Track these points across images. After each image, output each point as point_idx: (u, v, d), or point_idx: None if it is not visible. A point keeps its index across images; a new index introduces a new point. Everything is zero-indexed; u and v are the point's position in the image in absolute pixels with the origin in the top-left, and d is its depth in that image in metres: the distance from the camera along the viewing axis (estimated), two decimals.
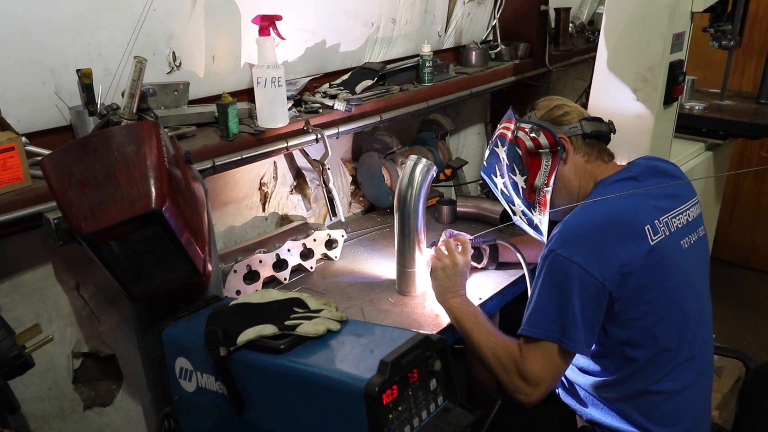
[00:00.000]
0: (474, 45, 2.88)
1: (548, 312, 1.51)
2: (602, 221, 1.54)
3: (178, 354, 1.35)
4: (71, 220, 1.23)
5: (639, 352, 1.56)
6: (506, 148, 1.78)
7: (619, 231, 1.52)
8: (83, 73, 1.59)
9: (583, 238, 1.51)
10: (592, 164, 1.71)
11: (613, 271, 1.48)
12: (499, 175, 1.83)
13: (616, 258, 1.48)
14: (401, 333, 1.19)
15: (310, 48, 2.26)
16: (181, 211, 1.28)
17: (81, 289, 1.80)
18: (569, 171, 1.71)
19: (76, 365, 1.85)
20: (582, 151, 1.72)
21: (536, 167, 1.72)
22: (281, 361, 1.17)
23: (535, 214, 1.78)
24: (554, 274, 1.50)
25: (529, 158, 1.73)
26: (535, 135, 1.71)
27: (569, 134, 1.70)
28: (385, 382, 1.05)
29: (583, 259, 1.48)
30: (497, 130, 1.84)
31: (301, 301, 1.31)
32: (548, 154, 1.70)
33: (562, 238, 1.52)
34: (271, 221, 2.33)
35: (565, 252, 1.49)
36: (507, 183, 1.81)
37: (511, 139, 1.77)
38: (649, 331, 1.55)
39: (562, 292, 1.49)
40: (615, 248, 1.49)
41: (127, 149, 1.27)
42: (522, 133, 1.73)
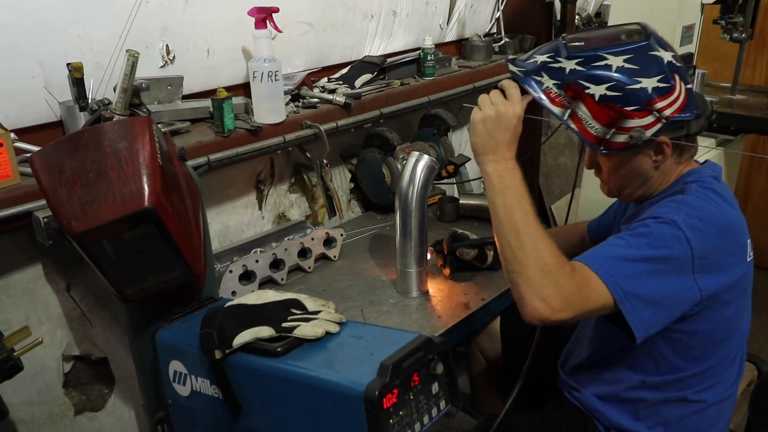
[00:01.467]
0: (477, 38, 2.88)
1: (631, 266, 1.40)
2: (723, 221, 1.48)
3: (172, 357, 1.35)
4: (61, 218, 1.23)
5: (697, 365, 1.54)
6: (581, 101, 1.50)
7: (732, 238, 1.48)
8: (74, 67, 1.59)
9: (706, 229, 1.43)
10: (682, 164, 1.59)
11: (710, 273, 1.44)
12: (553, 90, 1.54)
13: (718, 263, 1.45)
14: (402, 335, 1.19)
15: (308, 41, 2.26)
16: (174, 209, 1.28)
17: (72, 290, 1.80)
18: (650, 167, 1.56)
19: (67, 369, 1.85)
20: (676, 152, 1.56)
21: (615, 146, 1.52)
22: (278, 364, 1.17)
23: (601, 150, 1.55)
24: (666, 243, 1.41)
25: (606, 140, 1.51)
26: (636, 139, 1.48)
27: (672, 136, 1.51)
28: (385, 385, 1.05)
29: (699, 249, 1.41)
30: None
31: (298, 303, 1.31)
32: (635, 154, 1.53)
33: (688, 216, 1.43)
34: (267, 220, 2.33)
35: (689, 231, 1.40)
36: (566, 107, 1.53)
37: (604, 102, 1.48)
38: (714, 346, 1.53)
39: (662, 264, 1.40)
40: (723, 253, 1.46)
41: (119, 146, 1.27)
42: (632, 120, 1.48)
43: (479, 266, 2.04)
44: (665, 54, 1.51)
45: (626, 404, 1.61)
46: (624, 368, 1.60)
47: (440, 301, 1.90)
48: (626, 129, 1.49)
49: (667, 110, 1.48)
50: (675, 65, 1.50)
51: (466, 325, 1.83)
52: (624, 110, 1.48)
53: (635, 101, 1.47)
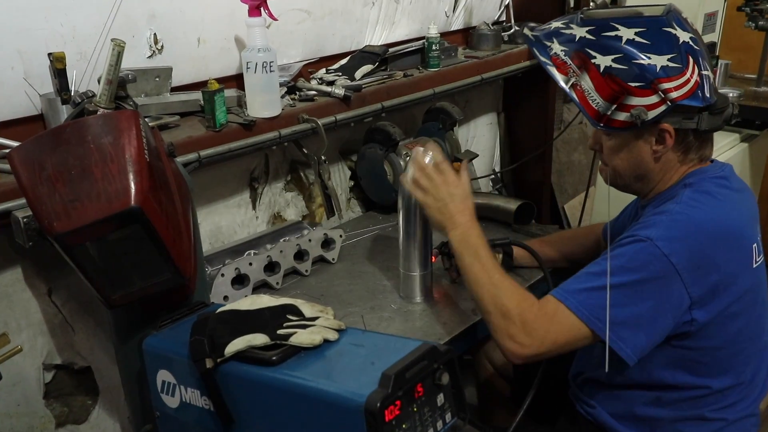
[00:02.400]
0: (485, 26, 2.88)
1: (611, 297, 1.43)
2: (717, 227, 1.47)
3: (160, 366, 1.35)
4: (42, 218, 1.23)
5: (713, 381, 1.54)
6: (586, 71, 1.55)
7: (730, 244, 1.47)
8: (56, 57, 1.59)
9: (691, 239, 1.44)
10: (686, 165, 1.60)
11: (706, 285, 1.44)
12: (561, 58, 1.60)
13: (717, 272, 1.44)
14: (405, 343, 1.19)
15: (305, 29, 2.26)
16: (163, 208, 1.28)
17: (53, 294, 1.80)
18: (650, 158, 1.58)
19: (48, 378, 1.85)
20: (681, 148, 1.57)
21: (615, 124, 1.54)
22: (273, 373, 1.17)
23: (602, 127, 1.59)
24: (640, 263, 1.43)
25: (606, 116, 1.55)
26: (638, 118, 1.50)
27: (678, 126, 1.53)
28: (387, 397, 1.05)
29: (683, 263, 1.42)
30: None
31: (295, 308, 1.31)
32: (636, 137, 1.56)
33: (667, 230, 1.45)
34: (262, 220, 2.33)
35: (666, 247, 1.42)
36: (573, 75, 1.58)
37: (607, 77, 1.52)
38: (729, 361, 1.53)
39: (640, 287, 1.43)
40: (720, 261, 1.45)
41: (104, 141, 1.27)
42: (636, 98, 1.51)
43: None
44: (682, 34, 1.51)
45: (641, 423, 1.61)
46: (637, 385, 1.60)
47: (446, 306, 1.90)
48: (628, 107, 1.51)
49: (674, 93, 1.48)
50: (692, 47, 1.51)
51: (474, 332, 1.83)
52: (627, 85, 1.50)
53: (640, 77, 1.49)
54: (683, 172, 1.60)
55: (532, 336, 1.48)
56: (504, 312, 1.51)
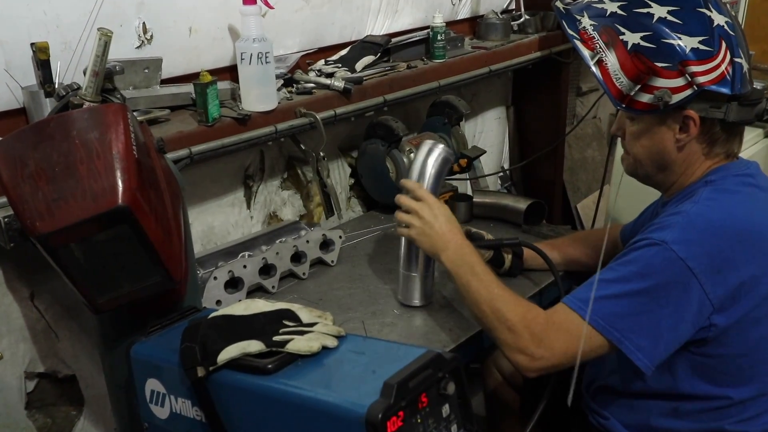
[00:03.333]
0: (493, 15, 2.88)
1: (626, 305, 1.45)
2: (737, 227, 1.47)
3: (149, 375, 1.35)
4: (24, 218, 1.23)
5: (734, 391, 1.54)
6: (613, 48, 1.56)
7: (752, 245, 1.47)
8: (38, 48, 1.59)
9: (709, 242, 1.44)
10: (711, 160, 1.59)
11: (727, 288, 1.44)
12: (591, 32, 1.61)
13: (737, 275, 1.44)
14: (408, 350, 1.19)
15: (303, 18, 2.26)
16: (152, 208, 1.28)
17: (36, 299, 1.80)
18: (673, 146, 1.57)
19: (30, 387, 1.85)
20: (707, 139, 1.56)
21: (638, 106, 1.55)
22: (269, 383, 1.17)
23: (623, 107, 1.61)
24: (657, 269, 1.44)
25: (629, 96, 1.55)
26: (661, 100, 1.50)
27: (705, 114, 1.52)
28: (389, 407, 1.05)
29: (701, 266, 1.42)
30: None
31: (291, 313, 1.31)
32: (660, 122, 1.55)
33: (683, 233, 1.45)
34: (257, 220, 2.33)
35: (682, 251, 1.42)
36: (601, 50, 1.60)
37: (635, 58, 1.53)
38: (751, 370, 1.53)
39: (656, 293, 1.43)
40: (741, 263, 1.44)
41: (90, 136, 1.27)
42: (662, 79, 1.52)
43: (495, 271, 2.03)
44: (718, 16, 1.51)
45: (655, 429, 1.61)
46: (653, 394, 1.60)
47: (451, 312, 1.89)
48: (652, 88, 1.52)
49: (702, 77, 1.49)
50: (726, 32, 1.51)
51: (481, 339, 1.83)
52: (654, 65, 1.51)
53: (668, 57, 1.50)
54: (707, 168, 1.59)
55: (542, 347, 1.49)
56: (509, 326, 1.53)
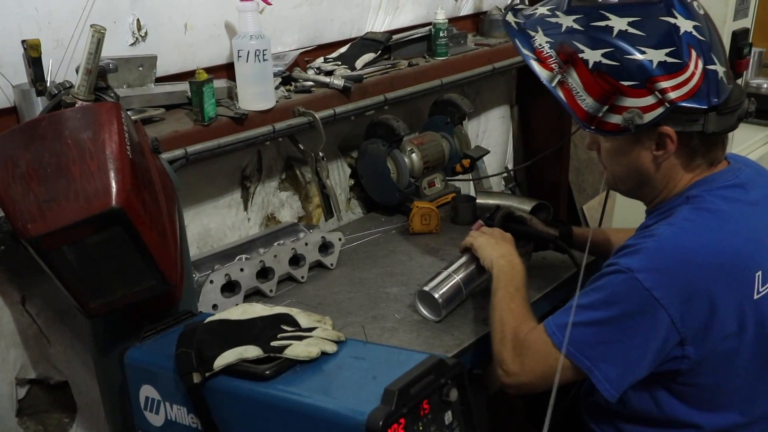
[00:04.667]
0: (497, 11, 2.88)
1: (594, 334, 1.45)
2: (713, 256, 1.42)
3: (143, 381, 1.35)
4: (15, 220, 1.23)
5: (719, 417, 1.52)
6: (573, 67, 1.50)
7: (726, 273, 1.42)
8: (30, 45, 1.59)
9: (679, 270, 1.40)
10: (692, 172, 1.53)
11: (698, 320, 1.41)
12: (545, 49, 1.55)
13: (710, 306, 1.40)
14: (410, 356, 1.19)
15: (302, 15, 2.26)
16: (146, 209, 1.28)
17: (27, 303, 1.80)
18: (658, 170, 1.53)
19: (21, 394, 1.85)
20: (686, 152, 1.50)
21: (607, 127, 1.50)
22: (267, 389, 1.17)
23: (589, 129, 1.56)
24: (621, 298, 1.42)
25: (597, 118, 1.50)
26: (630, 121, 1.44)
27: (681, 128, 1.46)
28: (390, 414, 1.05)
29: (669, 297, 1.39)
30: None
31: (290, 318, 1.31)
32: (634, 143, 1.50)
33: (650, 261, 1.41)
34: (254, 222, 2.33)
35: (648, 281, 1.39)
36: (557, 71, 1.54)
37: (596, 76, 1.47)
38: (724, 397, 1.51)
39: (623, 323, 1.42)
40: (715, 294, 1.40)
41: (83, 136, 1.27)
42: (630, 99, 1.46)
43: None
44: (684, 22, 1.44)
45: None
46: (637, 417, 1.60)
47: (454, 316, 1.89)
48: (621, 108, 1.46)
49: (673, 93, 1.42)
50: (695, 38, 1.44)
51: (484, 343, 1.82)
52: (619, 84, 1.44)
53: (633, 75, 1.43)
54: (689, 180, 1.54)
55: (516, 364, 1.53)
56: (501, 337, 1.59)
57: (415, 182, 2.47)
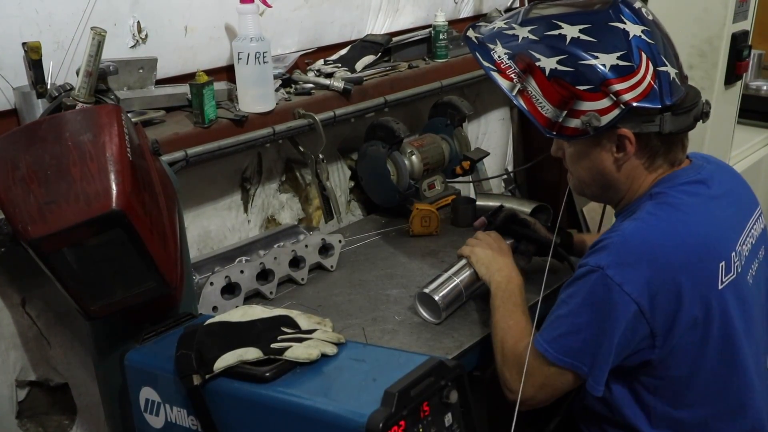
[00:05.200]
0: (497, 13, 2.88)
1: (583, 339, 1.48)
2: (677, 246, 1.46)
3: (143, 383, 1.35)
4: (15, 222, 1.23)
5: (682, 413, 1.55)
6: (531, 75, 1.55)
7: (691, 264, 1.46)
8: (30, 47, 1.59)
9: (645, 263, 1.44)
10: (655, 172, 1.58)
11: (667, 313, 1.44)
12: (504, 60, 1.60)
13: (678, 297, 1.44)
14: (410, 358, 1.19)
15: (302, 17, 2.26)
16: (147, 211, 1.28)
17: (27, 305, 1.80)
18: (620, 172, 1.58)
19: (21, 396, 1.85)
20: (646, 153, 1.55)
21: (567, 132, 1.54)
22: (267, 391, 1.16)
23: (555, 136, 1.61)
24: (597, 297, 1.45)
25: (558, 123, 1.54)
26: (589, 124, 1.49)
27: (639, 130, 1.51)
28: (390, 416, 1.05)
29: (638, 290, 1.42)
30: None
31: (290, 320, 1.31)
32: (595, 145, 1.55)
33: (618, 256, 1.45)
34: (254, 224, 2.33)
35: (618, 276, 1.42)
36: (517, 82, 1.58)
37: (540, 73, 1.52)
38: (696, 390, 1.54)
39: (603, 321, 1.45)
40: (682, 285, 1.44)
41: (83, 138, 1.28)
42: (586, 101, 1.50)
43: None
44: (632, 27, 1.50)
45: None
46: (625, 423, 1.62)
47: (454, 318, 1.89)
48: (579, 112, 1.50)
49: (627, 94, 1.47)
50: (644, 42, 1.49)
51: (484, 345, 1.83)
52: (575, 89, 1.49)
53: (588, 79, 1.48)
54: (652, 181, 1.58)
55: (518, 383, 1.54)
56: (502, 357, 1.63)
57: (415, 184, 2.47)
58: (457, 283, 1.86)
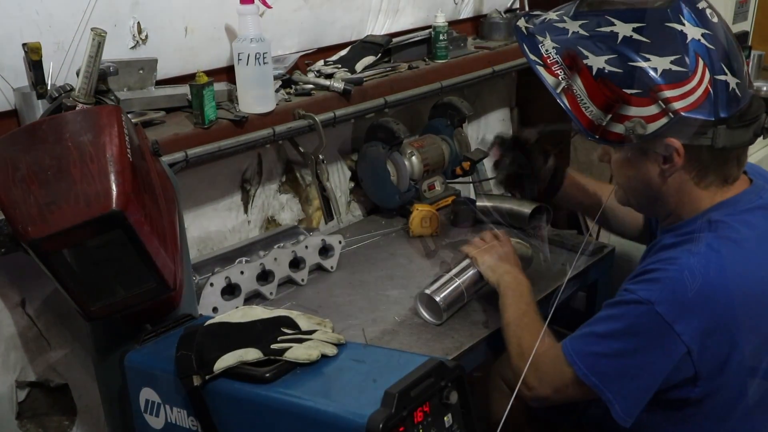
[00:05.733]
0: (497, 14, 2.88)
1: (614, 366, 1.43)
2: (737, 290, 1.38)
3: (143, 384, 1.35)
4: (15, 223, 1.23)
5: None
6: (578, 73, 1.47)
7: (754, 310, 1.40)
8: (30, 48, 1.59)
9: (702, 306, 1.36)
10: (706, 189, 1.48)
11: (716, 356, 1.39)
12: (551, 60, 1.52)
13: (731, 343, 1.38)
14: (410, 358, 1.19)
15: (302, 18, 2.26)
16: (147, 212, 1.28)
17: (27, 305, 1.80)
18: (668, 187, 1.49)
19: (21, 397, 1.85)
20: (696, 168, 1.44)
21: (611, 137, 1.46)
22: (267, 392, 1.16)
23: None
24: (643, 329, 1.39)
25: (610, 131, 1.45)
26: (632, 130, 1.41)
27: (688, 141, 1.41)
28: (390, 417, 1.05)
29: (689, 331, 1.36)
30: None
31: (290, 321, 1.31)
32: (640, 156, 1.47)
33: (673, 294, 1.37)
34: (254, 225, 2.33)
35: (670, 315, 1.36)
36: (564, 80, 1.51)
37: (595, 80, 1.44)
38: (742, 414, 1.49)
39: (645, 356, 1.40)
40: (738, 331, 1.38)
41: (83, 139, 1.28)
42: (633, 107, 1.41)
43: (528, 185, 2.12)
44: (691, 30, 1.39)
45: None
46: None
47: (454, 318, 1.89)
48: (624, 117, 1.42)
49: (677, 103, 1.37)
50: (703, 47, 1.38)
51: (485, 346, 1.83)
52: (623, 92, 1.40)
53: (637, 82, 1.39)
54: (706, 200, 1.48)
55: (537, 380, 1.54)
56: (519, 352, 1.62)
57: (415, 185, 2.47)
58: (458, 284, 1.86)
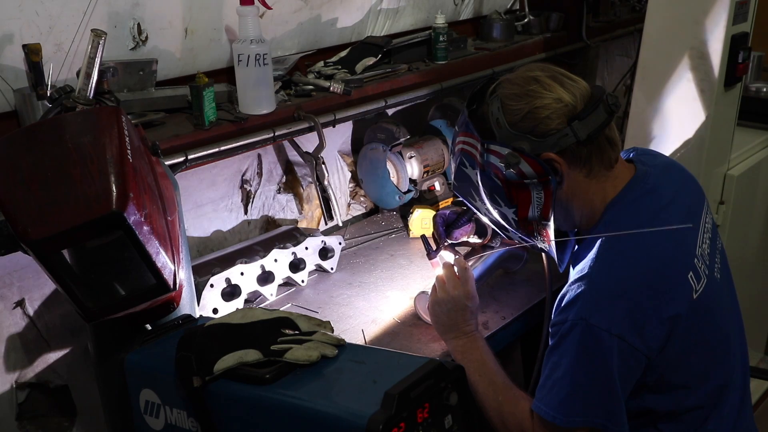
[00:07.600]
0: (497, 15, 2.88)
1: (587, 394, 1.46)
2: (641, 276, 1.47)
3: (143, 385, 1.35)
4: (16, 224, 1.23)
5: (673, 425, 1.56)
6: (477, 173, 1.63)
7: (662, 287, 1.47)
8: (31, 49, 1.59)
9: (621, 301, 1.45)
10: (596, 178, 1.57)
11: (658, 339, 1.45)
12: (479, 199, 1.70)
13: (661, 324, 1.45)
14: (410, 359, 1.19)
15: (302, 19, 2.26)
16: (147, 213, 1.28)
17: (27, 306, 1.80)
18: (569, 194, 1.58)
19: (21, 398, 1.85)
20: (579, 164, 1.55)
21: (525, 200, 1.58)
22: (267, 393, 1.17)
23: (538, 242, 1.68)
24: (589, 348, 1.44)
25: (512, 190, 1.59)
26: (513, 166, 1.53)
27: (559, 148, 1.52)
28: (390, 418, 1.05)
29: (625, 330, 1.42)
30: (456, 142, 1.69)
31: (290, 322, 1.31)
32: (538, 184, 1.54)
33: (594, 303, 1.45)
34: (254, 226, 2.33)
35: (602, 321, 1.42)
36: (491, 210, 1.68)
37: (481, 165, 1.60)
38: (690, 396, 1.55)
39: (602, 370, 1.44)
40: (660, 311, 1.45)
41: (83, 140, 1.28)
42: (494, 158, 1.55)
43: (477, 242, 2.12)
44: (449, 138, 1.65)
45: None
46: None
47: None
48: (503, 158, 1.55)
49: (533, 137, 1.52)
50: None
51: None
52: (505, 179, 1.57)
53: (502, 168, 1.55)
54: (599, 193, 1.58)
55: None
56: (503, 422, 1.57)
57: (415, 186, 2.47)
58: None
